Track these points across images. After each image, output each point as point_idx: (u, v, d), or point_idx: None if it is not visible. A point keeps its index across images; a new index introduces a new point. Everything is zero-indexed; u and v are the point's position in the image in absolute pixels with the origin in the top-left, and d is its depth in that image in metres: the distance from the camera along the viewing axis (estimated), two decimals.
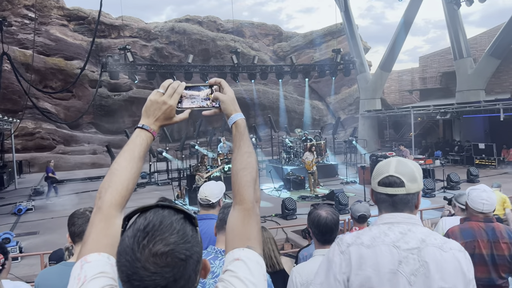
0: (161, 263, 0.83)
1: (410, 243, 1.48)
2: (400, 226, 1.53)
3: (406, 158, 1.69)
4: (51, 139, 24.70)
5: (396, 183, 1.56)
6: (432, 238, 1.50)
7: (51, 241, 8.92)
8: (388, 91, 35.25)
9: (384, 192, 1.58)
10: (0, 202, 14.84)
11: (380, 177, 1.59)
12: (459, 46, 20.76)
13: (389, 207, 1.58)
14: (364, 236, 1.54)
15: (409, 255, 1.45)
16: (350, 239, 1.55)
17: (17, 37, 24.52)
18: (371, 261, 1.47)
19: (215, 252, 2.14)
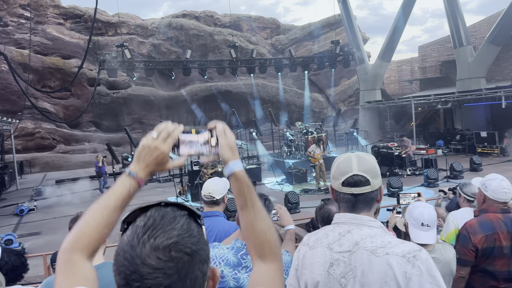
0: (164, 258, 0.75)
1: (344, 245, 1.46)
2: (341, 227, 1.52)
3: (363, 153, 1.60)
4: (51, 139, 24.64)
5: (362, 182, 1.50)
6: (368, 241, 1.42)
7: (54, 242, 8.88)
8: (388, 81, 35.11)
9: (349, 192, 1.51)
10: (2, 203, 14.82)
11: (344, 177, 1.51)
12: (458, 34, 20.60)
13: (350, 206, 1.53)
14: (313, 236, 1.60)
15: (340, 258, 1.45)
16: (305, 239, 1.63)
17: (13, 37, 24.38)
18: (308, 262, 1.52)
19: (245, 247, 2.11)
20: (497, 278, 2.60)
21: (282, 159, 16.80)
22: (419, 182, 12.94)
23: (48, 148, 24.50)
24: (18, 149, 22.34)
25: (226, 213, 10.07)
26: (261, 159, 20.04)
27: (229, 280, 2.10)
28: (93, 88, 21.04)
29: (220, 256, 2.17)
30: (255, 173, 15.52)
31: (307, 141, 17.30)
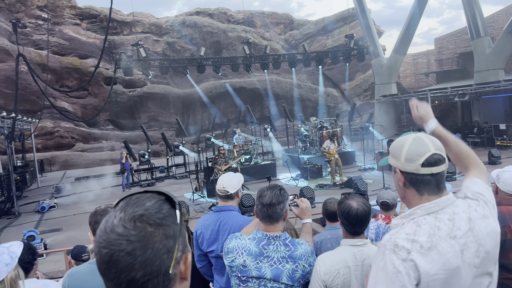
0: (129, 227, 0.81)
1: (462, 227, 1.42)
2: (444, 213, 1.45)
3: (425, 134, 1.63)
4: (70, 137, 25.12)
5: (440, 161, 1.48)
6: (473, 211, 1.48)
7: (75, 237, 9.11)
8: (404, 75, 34.67)
9: (429, 173, 1.48)
10: (24, 201, 15.20)
11: (424, 157, 1.47)
12: (475, 25, 20.20)
13: (434, 188, 1.49)
14: (419, 237, 1.40)
15: (466, 241, 1.40)
16: (407, 244, 1.38)
17: (32, 38, 24.88)
18: (438, 263, 1.36)
19: (267, 238, 2.20)
20: (511, 270, 2.58)
21: (297, 155, 16.80)
22: None
23: (67, 147, 24.99)
24: (38, 148, 22.85)
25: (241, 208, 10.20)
26: (275, 155, 20.07)
27: (251, 270, 2.17)
28: (110, 87, 21.34)
29: (242, 246, 2.23)
30: (270, 169, 15.57)
31: (322, 136, 17.26)
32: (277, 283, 2.11)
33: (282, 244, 2.18)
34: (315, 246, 3.39)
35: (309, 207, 2.62)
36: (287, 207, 2.27)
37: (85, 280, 2.11)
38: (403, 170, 1.52)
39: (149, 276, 0.80)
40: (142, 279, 0.80)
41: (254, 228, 2.41)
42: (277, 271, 2.12)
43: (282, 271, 2.11)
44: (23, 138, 20.15)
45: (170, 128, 27.46)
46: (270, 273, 2.12)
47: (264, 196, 2.22)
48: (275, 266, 2.13)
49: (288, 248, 2.16)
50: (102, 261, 0.82)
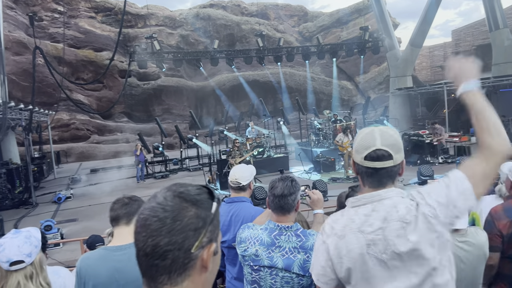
0: (168, 198, 0.90)
1: (374, 224, 1.48)
2: (364, 208, 1.53)
3: (386, 128, 1.62)
4: (86, 130, 25.46)
5: (384, 157, 1.52)
6: (394, 212, 1.47)
7: (90, 227, 9.27)
8: (419, 67, 34.16)
9: (372, 166, 1.53)
10: (41, 191, 15.48)
11: (367, 151, 1.54)
12: (494, 16, 19.75)
13: (375, 182, 1.55)
14: (337, 225, 1.57)
15: (374, 237, 1.46)
16: (328, 229, 1.60)
17: (48, 31, 25.18)
18: (344, 251, 1.51)
19: (279, 228, 2.23)
20: None
21: (310, 148, 16.75)
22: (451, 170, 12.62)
23: (82, 139, 25.35)
24: (55, 139, 23.22)
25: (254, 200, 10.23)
26: (288, 148, 20.04)
27: (263, 259, 2.20)
28: (124, 79, 21.53)
29: (254, 236, 2.27)
30: (282, 162, 15.56)
31: (335, 129, 17.15)
32: (289, 272, 2.14)
33: (294, 234, 2.21)
34: None
35: (321, 198, 2.64)
36: (298, 198, 2.29)
37: (96, 264, 2.18)
38: (354, 160, 1.62)
39: (172, 246, 0.86)
40: (166, 247, 0.86)
41: (266, 218, 2.43)
42: (288, 261, 2.15)
43: (294, 261, 2.14)
44: (40, 130, 20.48)
45: (183, 121, 27.61)
46: (282, 262, 2.15)
47: (276, 187, 2.24)
48: (286, 256, 2.16)
49: (300, 239, 2.19)
50: (137, 226, 0.90)
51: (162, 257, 0.86)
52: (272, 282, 2.18)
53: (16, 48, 22.58)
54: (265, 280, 2.20)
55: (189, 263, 0.88)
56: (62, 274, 2.36)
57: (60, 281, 2.29)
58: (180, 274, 0.88)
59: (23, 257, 1.86)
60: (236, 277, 2.84)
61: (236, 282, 2.84)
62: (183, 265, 0.88)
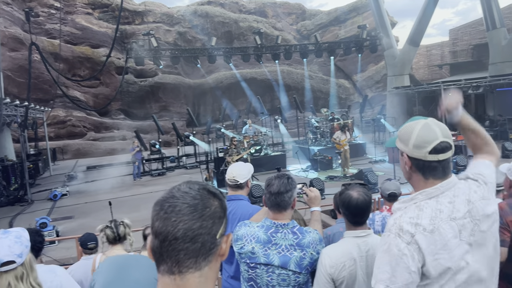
0: (194, 188, 0.97)
1: (461, 209, 1.52)
2: (445, 196, 1.54)
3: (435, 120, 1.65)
4: (82, 126, 25.35)
5: (447, 148, 1.55)
6: (472, 193, 1.57)
7: (86, 225, 9.21)
8: (417, 66, 34.19)
9: (436, 159, 1.54)
10: (37, 188, 15.41)
11: (432, 145, 1.53)
12: (491, 16, 19.80)
13: (439, 173, 1.57)
14: (421, 219, 1.49)
15: (464, 222, 1.50)
16: (410, 227, 1.48)
17: (44, 27, 25.02)
18: (440, 244, 1.46)
19: (275, 226, 2.23)
20: None
21: (307, 146, 16.74)
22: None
23: (79, 136, 25.24)
24: (51, 136, 23.11)
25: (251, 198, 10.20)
26: (286, 146, 20.03)
27: (259, 256, 2.19)
28: (121, 76, 21.44)
29: (251, 234, 2.26)
30: (280, 160, 15.55)
31: (333, 127, 17.14)
32: (285, 270, 2.14)
33: (290, 232, 2.21)
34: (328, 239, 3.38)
35: (318, 196, 2.63)
36: (295, 195, 2.29)
37: None
38: (411, 156, 1.59)
39: (203, 229, 0.92)
40: (197, 231, 0.91)
41: (263, 216, 2.42)
42: (285, 258, 2.15)
43: (290, 258, 2.14)
44: (36, 127, 20.37)
45: (181, 118, 27.53)
46: (278, 260, 2.15)
47: (272, 185, 2.24)
48: (283, 254, 2.16)
49: (296, 236, 2.19)
50: (163, 212, 0.93)
51: (193, 240, 0.91)
52: (268, 280, 2.17)
53: (12, 44, 22.43)
54: (261, 277, 2.20)
55: (213, 248, 0.95)
56: (58, 273, 2.34)
57: (57, 280, 2.27)
58: (204, 259, 0.93)
59: (14, 257, 1.81)
60: (233, 276, 2.81)
61: (232, 280, 2.82)
62: (209, 249, 0.93)
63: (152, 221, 0.95)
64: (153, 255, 0.94)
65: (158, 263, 0.94)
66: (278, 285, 2.16)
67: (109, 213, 6.71)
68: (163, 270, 0.93)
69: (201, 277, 0.93)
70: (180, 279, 0.91)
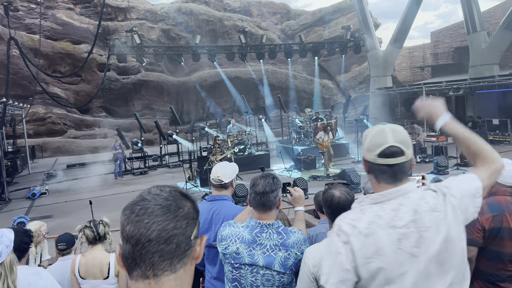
0: (166, 190, 0.95)
1: (404, 218, 1.48)
2: (390, 204, 1.53)
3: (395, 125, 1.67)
4: (62, 124, 24.88)
5: (398, 153, 1.54)
6: (423, 204, 1.50)
7: (66, 224, 9.02)
8: (399, 68, 34.67)
9: (385, 163, 1.55)
10: (15, 187, 15.07)
11: (380, 149, 1.56)
12: (472, 19, 20.19)
13: (389, 178, 1.57)
14: (360, 223, 1.52)
15: (406, 231, 1.46)
16: (348, 228, 1.53)
17: (24, 22, 24.46)
18: (372, 249, 1.47)
19: (260, 226, 2.22)
20: (504, 260, 2.63)
21: (291, 146, 16.78)
22: (428, 169, 12.86)
23: (59, 133, 24.76)
24: (30, 133, 22.61)
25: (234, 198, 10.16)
26: (270, 146, 20.04)
27: (244, 257, 2.18)
28: (103, 73, 21.11)
29: (235, 234, 2.25)
30: (263, 160, 15.55)
31: (316, 127, 17.23)
32: (269, 270, 2.13)
33: (275, 232, 2.20)
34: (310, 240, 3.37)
35: (302, 195, 2.63)
36: (280, 195, 2.29)
37: None
38: (365, 159, 1.63)
39: (177, 230, 0.90)
40: (172, 231, 0.89)
41: (247, 216, 2.40)
42: (269, 258, 2.14)
43: (275, 258, 2.13)
44: (14, 124, 19.92)
45: (164, 117, 27.27)
46: (263, 260, 2.14)
47: (257, 184, 2.22)
48: (267, 254, 2.15)
49: (281, 236, 2.18)
50: (134, 214, 0.90)
51: (168, 241, 0.88)
52: (252, 280, 2.16)
53: None
54: (245, 277, 2.18)
55: (188, 250, 0.93)
56: (43, 276, 2.32)
57: (41, 283, 2.25)
58: (179, 260, 0.91)
59: None
60: (216, 277, 2.78)
61: (215, 281, 2.78)
62: (184, 251, 0.91)
63: (122, 226, 0.91)
64: (124, 261, 0.90)
65: (130, 269, 0.90)
66: (263, 285, 2.15)
67: (90, 212, 6.58)
68: (137, 275, 0.89)
69: (177, 280, 0.90)
70: (155, 283, 0.88)
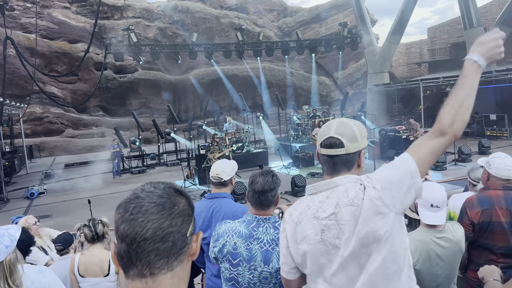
0: (160, 188, 0.94)
1: (327, 210, 1.54)
2: (319, 196, 1.59)
3: (348, 119, 1.70)
4: (60, 123, 24.80)
5: (336, 144, 1.59)
6: (345, 197, 1.51)
7: (64, 224, 9.01)
8: (396, 64, 34.69)
9: (326, 154, 1.62)
10: (13, 187, 15.03)
11: (322, 139, 1.64)
12: (469, 15, 20.20)
13: (329, 168, 1.63)
14: (294, 211, 1.66)
15: (328, 223, 1.52)
16: (287, 216, 1.69)
17: (20, 21, 24.34)
18: (300, 236, 1.59)
19: (256, 220, 2.21)
20: (495, 252, 2.68)
21: (289, 143, 16.78)
22: None
23: (56, 133, 24.69)
24: (27, 133, 22.54)
25: (233, 195, 10.17)
26: (267, 143, 20.04)
27: (242, 251, 2.17)
28: (100, 72, 21.04)
29: (232, 229, 2.24)
30: (262, 157, 15.54)
31: (314, 124, 17.23)
32: (267, 267, 2.11)
33: (272, 226, 2.18)
34: None
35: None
36: (278, 193, 2.27)
37: None
38: (317, 149, 1.71)
39: (173, 227, 0.89)
40: (167, 229, 0.88)
41: None
42: (267, 253, 2.12)
43: (272, 253, 2.11)
44: (11, 123, 19.85)
45: (161, 115, 27.23)
46: (261, 254, 2.13)
47: (256, 182, 2.21)
48: (265, 248, 2.13)
49: (278, 231, 2.14)
50: (129, 213, 0.89)
51: (163, 240, 0.88)
52: (250, 278, 2.15)
53: None
54: (243, 275, 2.16)
55: (184, 247, 0.92)
56: (46, 274, 2.32)
57: (45, 281, 2.25)
58: (176, 258, 0.90)
59: None
60: (216, 274, 2.78)
61: (215, 279, 2.79)
62: (180, 248, 0.91)
63: (116, 225, 0.90)
64: (120, 260, 0.90)
65: (126, 268, 0.89)
66: (260, 283, 2.14)
67: (89, 211, 6.58)
68: (133, 274, 0.89)
69: (174, 277, 0.90)
70: (152, 282, 0.88)
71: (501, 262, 2.63)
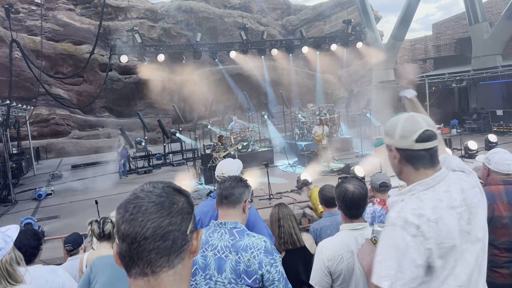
0: (159, 187, 0.96)
1: (457, 198, 1.53)
2: (440, 187, 1.54)
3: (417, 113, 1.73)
4: (66, 125, 24.96)
5: (433, 136, 1.57)
6: (463, 182, 1.59)
7: (72, 225, 9.08)
8: (401, 60, 34.49)
9: (423, 148, 1.56)
10: (20, 188, 15.14)
11: (417, 134, 1.56)
12: (474, 10, 20.05)
13: (428, 162, 1.58)
14: (424, 210, 1.47)
15: (461, 210, 1.52)
16: (415, 219, 1.45)
17: (25, 24, 24.50)
18: (445, 233, 1.46)
19: (214, 225, 2.13)
20: (498, 247, 2.68)
21: (294, 141, 16.77)
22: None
23: (63, 134, 24.84)
24: (34, 135, 22.70)
25: None
26: (273, 142, 20.03)
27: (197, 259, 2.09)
28: (105, 73, 21.13)
29: None
30: (267, 156, 15.54)
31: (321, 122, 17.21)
32: (220, 277, 1.98)
33: (227, 232, 2.05)
34: (315, 233, 3.39)
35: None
36: (247, 197, 2.19)
37: None
38: (398, 147, 1.61)
39: (172, 226, 0.91)
40: (167, 227, 0.90)
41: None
42: (220, 261, 1.99)
43: (226, 261, 1.98)
44: (18, 126, 19.99)
45: (166, 115, 27.31)
46: (214, 262, 2.00)
47: (224, 181, 2.23)
48: (218, 256, 2.00)
49: (233, 237, 2.03)
50: (128, 213, 0.90)
51: (163, 238, 0.89)
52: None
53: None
54: (200, 286, 2.02)
55: (185, 245, 0.94)
56: (59, 274, 2.36)
57: (59, 281, 2.29)
58: (177, 256, 0.92)
59: None
60: None
61: None
62: (181, 246, 0.93)
63: (117, 225, 0.92)
64: (122, 259, 0.92)
65: (128, 267, 0.91)
66: None
67: (96, 212, 6.62)
68: (135, 273, 0.90)
69: (175, 275, 0.92)
70: (154, 280, 0.89)
71: (504, 256, 2.63)
